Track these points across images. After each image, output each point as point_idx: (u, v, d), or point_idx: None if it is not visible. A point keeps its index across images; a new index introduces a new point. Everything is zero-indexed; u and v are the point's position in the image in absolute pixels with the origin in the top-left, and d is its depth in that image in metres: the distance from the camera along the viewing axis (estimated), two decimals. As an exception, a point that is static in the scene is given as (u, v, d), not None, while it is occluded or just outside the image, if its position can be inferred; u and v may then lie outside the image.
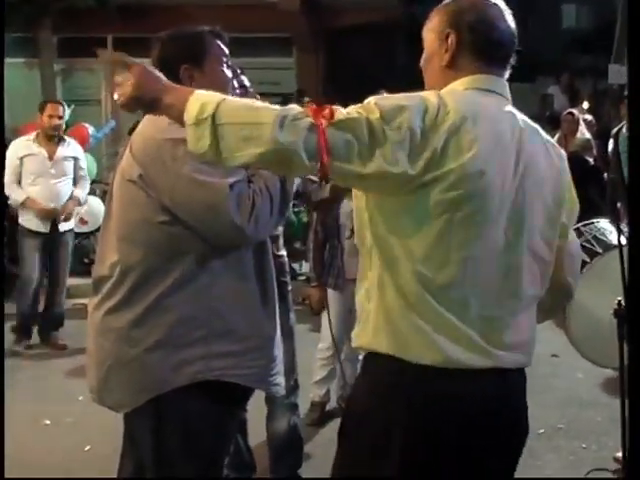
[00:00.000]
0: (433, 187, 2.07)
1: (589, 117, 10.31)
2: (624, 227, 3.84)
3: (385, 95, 2.16)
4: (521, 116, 2.31)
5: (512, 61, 2.35)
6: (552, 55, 22.13)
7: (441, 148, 2.06)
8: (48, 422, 5.53)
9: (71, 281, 9.72)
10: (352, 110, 2.05)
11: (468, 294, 2.17)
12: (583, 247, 4.23)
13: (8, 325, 7.40)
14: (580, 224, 4.39)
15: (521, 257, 2.24)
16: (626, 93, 8.20)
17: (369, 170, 2.02)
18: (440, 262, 2.13)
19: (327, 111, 2.00)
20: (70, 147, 7.54)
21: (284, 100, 12.89)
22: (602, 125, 10.67)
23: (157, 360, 2.72)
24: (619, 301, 3.38)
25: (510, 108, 2.29)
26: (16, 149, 7.34)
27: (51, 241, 7.39)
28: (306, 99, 9.61)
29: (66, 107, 10.39)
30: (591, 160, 9.37)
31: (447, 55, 2.29)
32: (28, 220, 7.30)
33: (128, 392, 2.78)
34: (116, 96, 2.20)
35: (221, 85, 2.80)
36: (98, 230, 10.77)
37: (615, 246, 3.87)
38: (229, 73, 2.93)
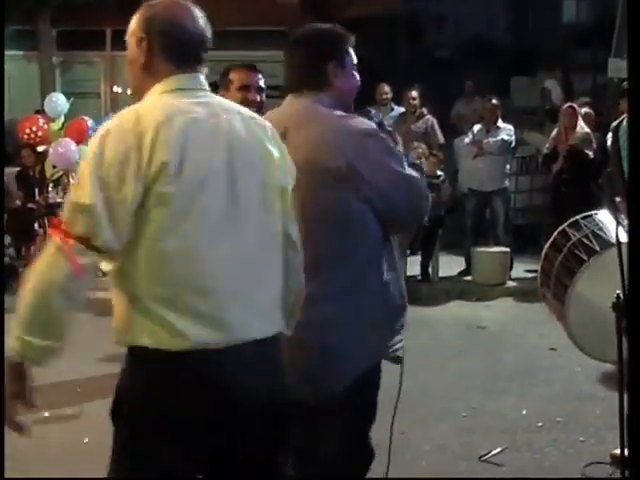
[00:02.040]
0: (154, 186, 2.29)
1: (587, 110, 10.27)
2: (623, 221, 3.84)
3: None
4: (219, 101, 2.54)
5: (205, 56, 2.55)
6: (552, 49, 22.11)
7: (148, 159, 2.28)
8: (47, 414, 5.53)
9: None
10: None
11: (200, 274, 2.33)
12: (581, 243, 4.24)
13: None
14: (579, 216, 4.39)
15: (241, 225, 2.40)
16: (625, 86, 8.19)
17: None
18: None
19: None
20: None
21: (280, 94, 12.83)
22: (602, 119, 10.65)
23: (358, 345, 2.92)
24: (618, 295, 3.38)
25: (205, 98, 2.49)
26: None
27: None
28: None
29: (65, 100, 10.41)
30: (591, 154, 9.36)
31: (142, 59, 2.50)
32: None
33: (333, 381, 2.90)
34: None
35: (354, 85, 3.14)
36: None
37: (613, 243, 3.88)
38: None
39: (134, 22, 2.55)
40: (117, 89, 14.96)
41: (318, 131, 2.91)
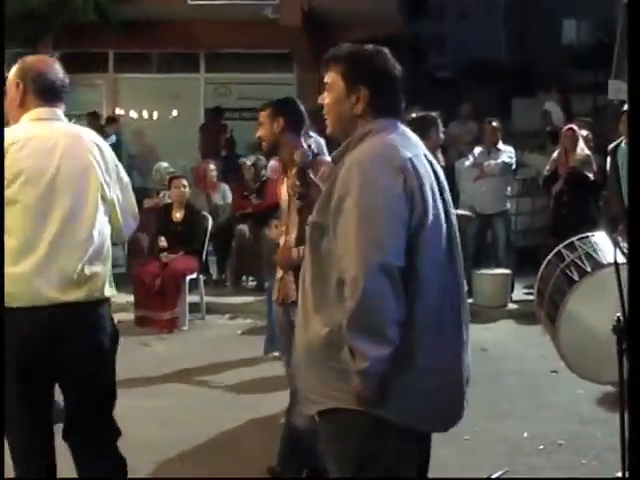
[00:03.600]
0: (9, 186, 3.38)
1: (585, 132, 10.30)
2: (621, 242, 3.84)
3: None
4: (65, 127, 3.59)
5: (63, 96, 3.61)
6: (552, 71, 22.22)
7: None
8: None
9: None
10: None
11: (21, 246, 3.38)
12: (574, 264, 4.23)
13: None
14: (575, 238, 4.39)
15: (54, 212, 3.41)
16: (625, 109, 8.22)
17: None
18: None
19: None
20: None
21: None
22: (602, 141, 10.67)
23: None
24: (618, 317, 3.38)
25: (56, 125, 3.55)
26: None
27: None
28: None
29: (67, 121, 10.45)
30: (591, 176, 9.38)
31: (18, 97, 3.55)
32: None
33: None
34: None
35: None
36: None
37: (604, 265, 3.90)
38: None
39: (12, 72, 3.56)
40: (119, 111, 15.02)
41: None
